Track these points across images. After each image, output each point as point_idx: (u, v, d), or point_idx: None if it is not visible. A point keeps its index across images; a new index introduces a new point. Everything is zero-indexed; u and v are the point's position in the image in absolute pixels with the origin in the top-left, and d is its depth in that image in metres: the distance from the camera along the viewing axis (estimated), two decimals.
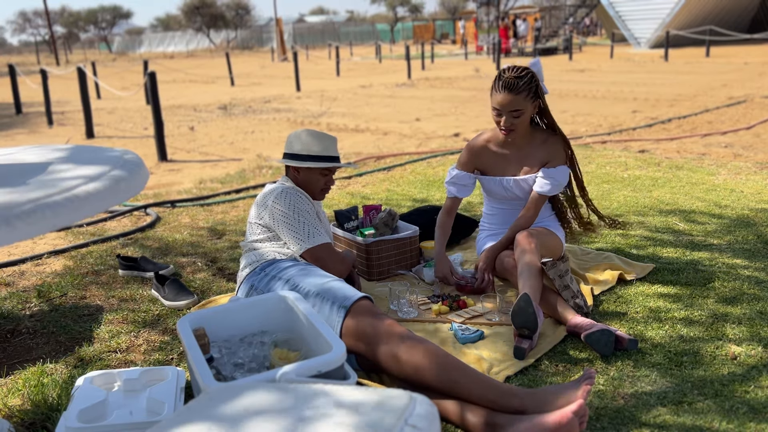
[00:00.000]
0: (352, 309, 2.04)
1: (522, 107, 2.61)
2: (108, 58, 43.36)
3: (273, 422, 1.22)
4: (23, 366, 2.34)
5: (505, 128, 2.66)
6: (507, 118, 2.63)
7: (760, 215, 3.71)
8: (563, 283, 2.52)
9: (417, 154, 6.06)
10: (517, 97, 2.59)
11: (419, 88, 13.34)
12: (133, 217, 4.33)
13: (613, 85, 12.39)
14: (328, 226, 2.66)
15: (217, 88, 15.53)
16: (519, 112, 2.62)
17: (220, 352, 1.97)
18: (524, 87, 2.60)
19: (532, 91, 2.62)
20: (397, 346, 1.90)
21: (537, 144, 2.77)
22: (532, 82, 2.62)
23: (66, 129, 9.04)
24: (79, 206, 1.78)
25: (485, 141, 2.84)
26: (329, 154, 2.54)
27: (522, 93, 2.60)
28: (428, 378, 1.85)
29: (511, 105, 2.60)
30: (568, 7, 30.65)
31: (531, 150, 2.78)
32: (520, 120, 2.64)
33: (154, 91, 6.44)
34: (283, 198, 2.42)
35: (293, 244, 2.41)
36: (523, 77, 2.60)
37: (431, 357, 1.86)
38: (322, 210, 2.65)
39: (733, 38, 26.96)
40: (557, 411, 1.69)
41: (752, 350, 2.21)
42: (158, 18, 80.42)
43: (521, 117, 2.63)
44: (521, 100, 2.60)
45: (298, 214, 2.41)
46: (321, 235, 2.42)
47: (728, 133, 6.58)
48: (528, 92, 2.61)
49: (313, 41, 50.58)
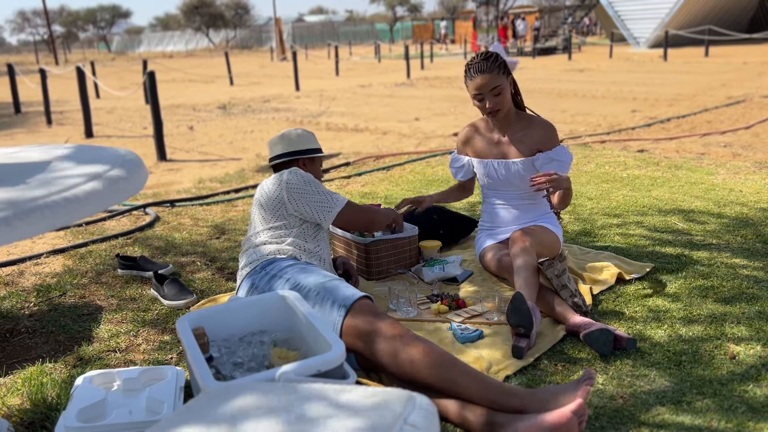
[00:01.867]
0: (352, 308, 2.04)
1: (499, 83, 2.72)
2: (107, 58, 43.33)
3: (272, 422, 1.22)
4: (22, 365, 2.34)
5: (491, 109, 2.76)
6: (490, 99, 2.74)
7: (758, 214, 3.71)
8: (561, 282, 2.53)
9: (416, 154, 6.06)
10: (491, 75, 2.71)
11: (418, 88, 13.34)
12: (133, 217, 4.33)
13: (612, 84, 12.40)
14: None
15: (217, 88, 15.52)
16: (498, 88, 2.72)
17: (219, 352, 1.97)
18: (494, 65, 2.73)
19: (502, 67, 2.75)
20: (397, 344, 1.90)
21: (523, 127, 2.87)
22: (498, 59, 2.76)
23: (65, 128, 9.04)
24: (78, 206, 1.78)
25: (471, 126, 2.99)
26: (319, 147, 2.73)
27: (494, 70, 2.72)
28: (427, 376, 1.85)
29: (488, 84, 2.71)
30: (567, 7, 30.65)
31: (517, 133, 2.86)
32: (501, 97, 2.75)
33: (154, 90, 6.44)
34: (294, 176, 2.48)
35: (321, 214, 2.47)
36: (489, 57, 2.75)
37: (430, 355, 1.86)
38: None
39: (732, 38, 26.97)
40: (556, 410, 1.69)
41: (751, 349, 2.21)
42: (157, 17, 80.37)
43: (502, 94, 2.74)
44: (496, 76, 2.72)
45: (315, 185, 2.49)
46: (340, 198, 2.52)
47: (727, 132, 6.58)
48: (499, 69, 2.73)
49: (312, 41, 50.57)
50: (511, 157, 2.86)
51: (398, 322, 2.00)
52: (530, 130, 2.84)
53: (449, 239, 3.42)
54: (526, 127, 2.86)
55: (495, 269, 2.82)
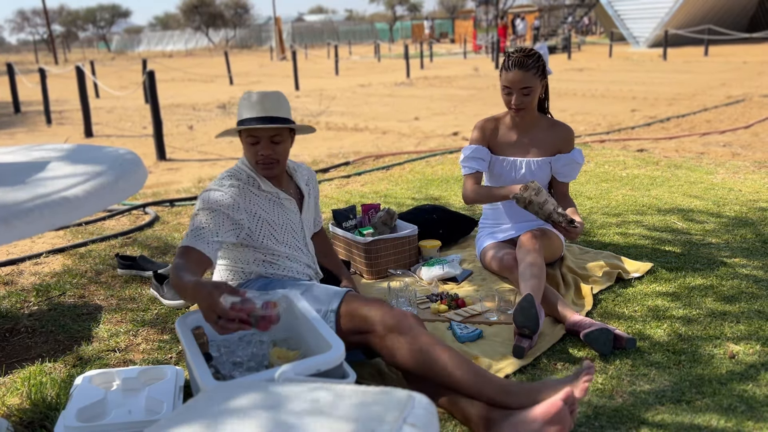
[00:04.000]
0: (343, 301, 2.02)
1: (532, 84, 2.70)
2: (107, 57, 43.31)
3: (272, 421, 1.22)
4: (22, 365, 2.34)
5: (516, 106, 2.74)
6: (518, 96, 2.72)
7: (758, 214, 3.71)
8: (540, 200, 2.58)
9: (416, 153, 6.06)
10: (527, 74, 2.68)
11: (418, 87, 13.33)
12: (132, 216, 4.33)
13: (611, 84, 12.39)
14: (284, 220, 2.23)
15: (216, 87, 15.51)
16: (529, 89, 2.71)
17: (218, 351, 1.97)
18: (533, 65, 2.70)
19: (540, 69, 2.73)
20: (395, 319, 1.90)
21: (544, 128, 2.87)
22: (539, 61, 2.72)
23: (65, 128, 9.03)
24: (77, 205, 1.78)
25: (495, 120, 2.93)
26: (252, 115, 2.08)
27: (531, 70, 2.69)
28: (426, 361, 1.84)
29: (521, 82, 2.69)
30: (567, 7, 30.64)
31: (539, 134, 2.87)
32: (530, 98, 2.73)
33: (153, 90, 6.44)
34: (213, 184, 2.14)
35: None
36: (531, 56, 2.71)
37: (450, 352, 1.86)
38: (286, 197, 2.23)
39: (732, 37, 26.96)
40: (545, 401, 1.68)
41: (750, 349, 2.21)
42: (157, 17, 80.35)
43: (531, 95, 2.73)
44: (531, 77, 2.69)
45: (199, 208, 2.06)
46: (198, 239, 1.98)
47: (727, 132, 6.58)
48: (537, 70, 2.71)
49: (312, 40, 50.54)
50: (531, 156, 2.87)
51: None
52: (552, 132, 2.86)
53: (449, 239, 3.41)
54: (547, 128, 2.87)
55: (496, 268, 2.82)
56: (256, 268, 2.22)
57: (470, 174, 2.89)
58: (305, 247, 2.32)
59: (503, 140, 2.90)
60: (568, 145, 2.87)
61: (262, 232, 2.17)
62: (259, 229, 2.16)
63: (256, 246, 2.17)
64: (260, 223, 2.16)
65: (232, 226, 2.07)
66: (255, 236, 2.16)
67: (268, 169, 2.14)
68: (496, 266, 2.82)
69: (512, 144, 2.89)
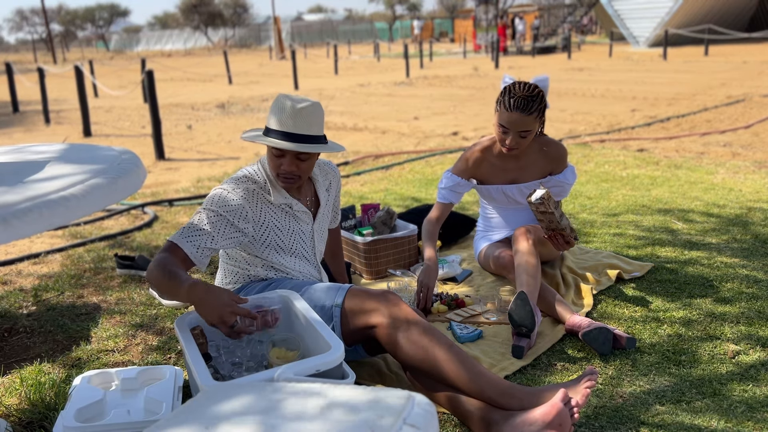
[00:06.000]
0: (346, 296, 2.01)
1: (531, 128, 2.55)
2: (105, 57, 43.28)
3: (271, 421, 1.21)
4: (20, 365, 2.33)
5: (510, 147, 2.59)
6: (513, 138, 2.56)
7: (758, 214, 3.71)
8: (556, 211, 2.47)
9: (415, 153, 6.06)
10: (528, 117, 2.52)
11: (418, 87, 13.33)
12: (131, 216, 4.32)
13: (611, 83, 12.39)
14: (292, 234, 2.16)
15: (215, 87, 15.50)
16: (527, 133, 2.55)
17: (217, 351, 1.96)
18: (536, 107, 2.52)
19: (541, 111, 2.57)
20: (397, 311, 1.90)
21: (535, 150, 2.74)
22: (542, 101, 2.55)
23: (63, 127, 9.03)
24: (76, 205, 1.78)
25: (483, 152, 2.76)
26: (282, 129, 1.98)
27: (533, 113, 2.52)
28: (431, 359, 1.84)
29: (521, 125, 2.53)
30: (567, 6, 30.65)
31: (530, 157, 2.75)
32: (526, 140, 2.58)
33: (152, 89, 6.43)
34: (227, 183, 2.07)
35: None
36: (535, 96, 2.52)
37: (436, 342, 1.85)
38: (300, 209, 2.15)
39: (732, 37, 26.98)
40: (545, 403, 1.69)
41: (750, 349, 2.21)
42: (156, 16, 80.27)
43: (528, 137, 2.57)
44: (531, 120, 2.53)
45: (205, 206, 2.02)
46: (190, 240, 1.93)
47: (727, 132, 6.58)
48: (538, 112, 2.54)
49: (311, 39, 50.54)
50: (521, 181, 2.77)
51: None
52: (543, 154, 2.73)
53: (448, 239, 3.41)
54: (538, 150, 2.74)
55: (494, 267, 2.82)
56: (259, 271, 2.20)
57: (441, 203, 2.78)
58: (313, 256, 2.27)
59: (492, 170, 2.77)
60: (560, 166, 2.75)
61: (268, 239, 2.12)
62: (264, 237, 2.11)
63: (258, 255, 2.15)
64: (267, 231, 2.11)
65: (233, 234, 2.03)
66: (258, 245, 2.12)
67: (288, 183, 2.07)
68: (493, 265, 2.81)
69: (502, 171, 2.77)
